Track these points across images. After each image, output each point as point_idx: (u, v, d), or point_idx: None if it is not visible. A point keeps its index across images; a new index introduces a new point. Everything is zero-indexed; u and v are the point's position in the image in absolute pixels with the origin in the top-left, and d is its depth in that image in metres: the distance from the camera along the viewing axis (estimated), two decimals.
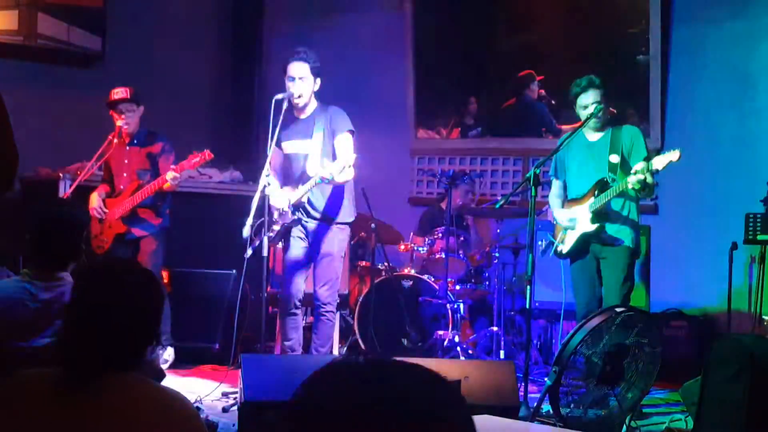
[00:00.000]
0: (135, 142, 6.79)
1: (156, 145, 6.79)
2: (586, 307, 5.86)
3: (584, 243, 5.97)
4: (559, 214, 6.10)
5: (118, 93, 6.73)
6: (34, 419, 2.19)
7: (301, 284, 6.04)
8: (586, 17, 8.36)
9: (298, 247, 5.98)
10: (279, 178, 6.00)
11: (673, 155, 5.52)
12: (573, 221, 5.98)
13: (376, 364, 1.18)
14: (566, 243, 6.04)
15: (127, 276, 2.39)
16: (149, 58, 9.32)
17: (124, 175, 6.79)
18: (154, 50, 9.44)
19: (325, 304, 5.94)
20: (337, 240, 5.94)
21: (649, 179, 5.59)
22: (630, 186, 5.61)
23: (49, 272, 3.79)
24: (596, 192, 5.86)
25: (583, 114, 5.93)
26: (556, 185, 6.25)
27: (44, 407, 2.19)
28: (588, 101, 5.91)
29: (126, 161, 6.79)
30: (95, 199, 6.73)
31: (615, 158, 5.88)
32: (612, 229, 5.89)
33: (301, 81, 5.82)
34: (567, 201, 6.15)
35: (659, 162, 5.55)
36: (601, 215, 5.86)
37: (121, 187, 6.76)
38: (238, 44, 10.12)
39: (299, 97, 5.82)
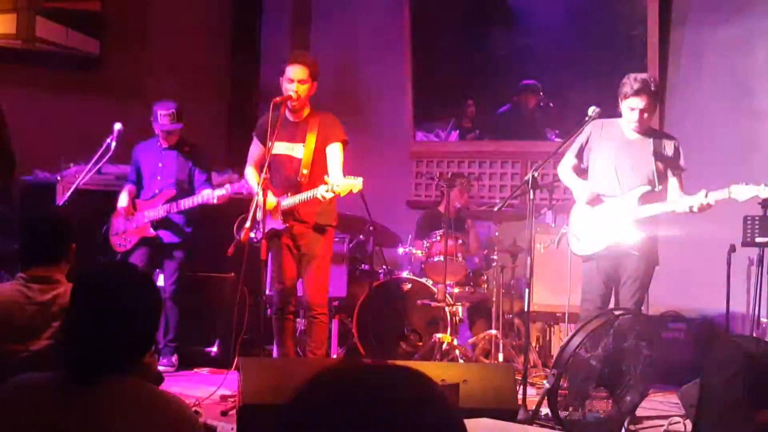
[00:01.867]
0: (172, 148, 6.89)
1: (191, 161, 6.90)
2: (595, 307, 5.72)
3: (615, 248, 5.76)
4: (583, 188, 5.84)
5: (164, 117, 6.80)
6: (33, 423, 2.19)
7: (293, 290, 6.04)
8: (584, 21, 8.37)
9: (287, 254, 5.98)
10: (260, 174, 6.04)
11: (762, 190, 5.35)
12: (604, 221, 5.76)
13: (368, 369, 1.19)
14: (594, 243, 5.83)
15: (126, 280, 2.40)
16: (147, 61, 9.33)
17: (158, 178, 6.87)
18: (152, 53, 9.44)
19: (317, 307, 5.94)
20: (325, 243, 5.95)
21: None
22: (695, 208, 5.48)
23: (43, 275, 3.80)
24: (639, 199, 5.67)
25: (628, 114, 5.72)
26: (570, 160, 5.97)
27: (43, 410, 2.19)
28: (638, 105, 5.65)
29: (160, 165, 6.87)
30: (124, 199, 6.81)
31: (660, 166, 5.74)
32: (644, 238, 5.72)
33: (300, 84, 5.83)
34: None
35: (741, 193, 5.37)
36: (641, 225, 5.69)
37: (156, 190, 6.83)
38: (237, 47, 10.13)
39: (297, 99, 5.83)
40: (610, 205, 5.79)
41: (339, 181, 5.49)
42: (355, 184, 5.48)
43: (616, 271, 5.83)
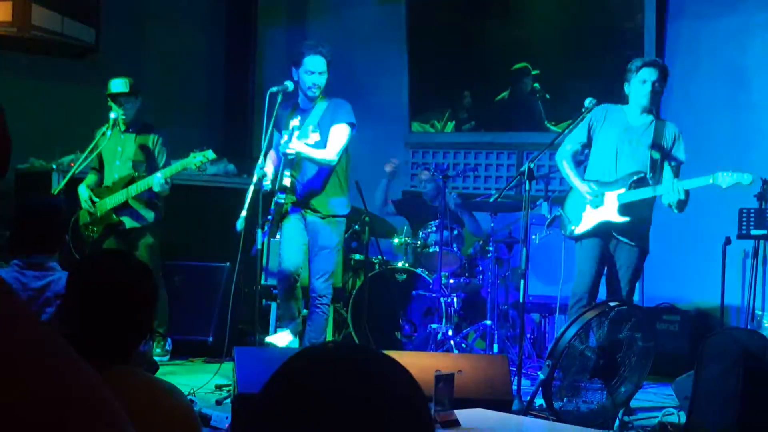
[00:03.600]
0: (130, 130, 6.77)
1: (151, 138, 6.77)
2: (586, 291, 5.76)
3: (603, 229, 5.79)
4: (582, 184, 5.85)
5: (118, 85, 6.69)
6: None
7: (296, 272, 6.03)
8: (580, 12, 8.36)
9: (296, 236, 5.99)
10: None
11: (744, 178, 5.43)
12: (597, 201, 5.77)
13: (340, 354, 1.20)
14: (582, 224, 5.84)
15: (122, 269, 2.39)
16: (143, 49, 9.31)
17: (117, 163, 6.75)
18: (148, 42, 9.43)
19: (321, 296, 5.96)
20: (335, 233, 5.97)
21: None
22: (676, 195, 5.54)
23: (37, 261, 3.82)
24: (630, 184, 5.71)
25: (640, 88, 5.75)
26: (571, 149, 5.96)
27: None
28: (650, 77, 5.73)
29: (120, 149, 6.76)
30: (84, 191, 6.70)
31: (656, 153, 5.76)
32: (634, 224, 5.74)
33: (320, 75, 5.88)
34: (586, 179, 5.92)
35: (724, 180, 5.44)
36: (629, 209, 5.71)
37: (115, 176, 6.73)
38: (233, 36, 10.11)
39: (317, 89, 5.88)
40: (602, 189, 5.80)
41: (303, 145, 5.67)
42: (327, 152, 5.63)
43: (607, 252, 5.86)
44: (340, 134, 5.88)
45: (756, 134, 7.41)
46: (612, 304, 5.32)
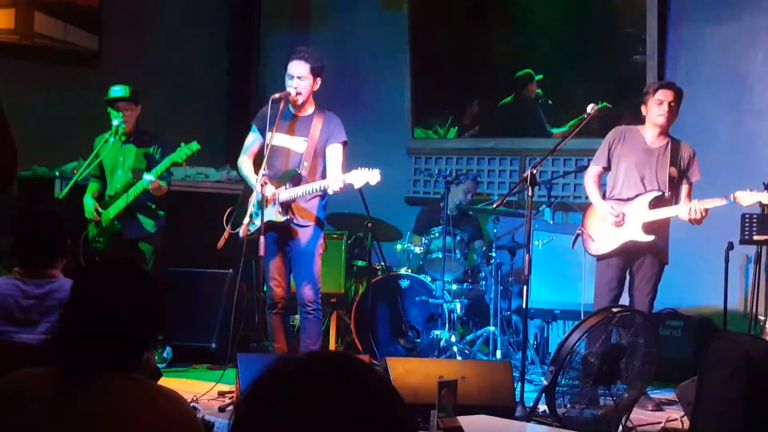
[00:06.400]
0: (131, 140, 6.75)
1: (152, 147, 6.76)
2: (608, 305, 5.89)
3: (627, 248, 6.00)
4: (603, 205, 6.06)
5: (117, 91, 6.69)
6: (30, 419, 2.18)
7: (285, 284, 6.03)
8: (583, 18, 8.36)
9: (278, 250, 5.97)
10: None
11: (764, 197, 5.61)
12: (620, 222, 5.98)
13: (316, 359, 1.20)
14: (606, 243, 6.04)
15: (128, 277, 2.39)
16: (146, 56, 9.32)
17: (119, 173, 6.75)
18: (150, 49, 9.44)
19: (310, 303, 5.93)
20: (315, 239, 5.95)
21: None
22: (695, 216, 5.72)
23: (39, 270, 3.82)
24: (650, 203, 5.94)
25: (656, 109, 5.97)
26: (594, 171, 6.21)
27: (40, 407, 2.19)
28: (666, 98, 5.96)
29: (121, 158, 6.75)
30: (89, 204, 6.69)
31: (674, 172, 5.98)
32: (657, 240, 5.97)
33: (300, 80, 5.82)
34: (608, 197, 6.13)
35: (746, 199, 5.64)
36: (652, 227, 5.93)
37: (117, 186, 6.72)
38: (235, 42, 10.12)
39: (297, 95, 5.83)
40: (625, 208, 5.99)
41: (351, 173, 5.52)
42: (372, 175, 5.49)
43: (629, 269, 6.08)
44: (339, 157, 5.90)
45: (758, 140, 7.40)
46: (615, 309, 5.32)
